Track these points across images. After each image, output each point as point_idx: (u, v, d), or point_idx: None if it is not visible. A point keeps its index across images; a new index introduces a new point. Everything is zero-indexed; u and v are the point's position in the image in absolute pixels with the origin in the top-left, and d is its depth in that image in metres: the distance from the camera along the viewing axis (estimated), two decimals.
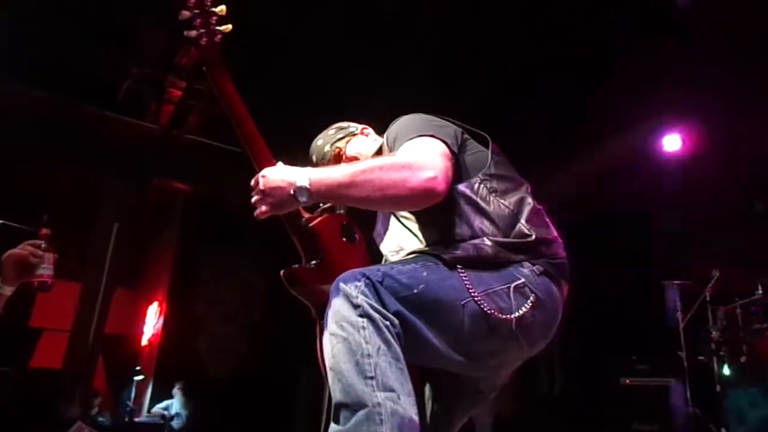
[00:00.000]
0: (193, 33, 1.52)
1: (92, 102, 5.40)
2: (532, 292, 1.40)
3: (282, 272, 1.49)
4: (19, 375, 5.43)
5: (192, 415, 6.51)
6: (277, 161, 1.48)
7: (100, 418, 5.94)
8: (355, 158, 1.77)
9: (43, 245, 1.74)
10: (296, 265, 1.53)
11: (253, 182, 1.44)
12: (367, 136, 1.85)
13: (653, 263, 4.90)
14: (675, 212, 4.94)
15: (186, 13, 1.51)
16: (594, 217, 5.25)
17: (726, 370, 3.98)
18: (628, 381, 4.58)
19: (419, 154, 1.41)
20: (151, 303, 7.39)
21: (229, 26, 1.55)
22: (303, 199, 1.36)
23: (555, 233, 1.51)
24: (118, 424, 6.02)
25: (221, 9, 1.53)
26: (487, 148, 1.57)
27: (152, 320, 7.29)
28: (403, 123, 1.56)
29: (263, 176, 1.42)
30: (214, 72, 1.52)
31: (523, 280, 1.40)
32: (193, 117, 5.63)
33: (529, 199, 1.51)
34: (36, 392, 5.18)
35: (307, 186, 1.36)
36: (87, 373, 5.84)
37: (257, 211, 1.42)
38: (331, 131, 1.86)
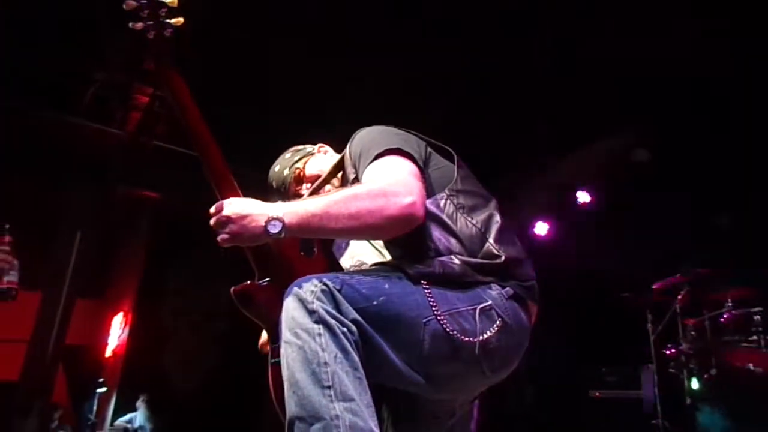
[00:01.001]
0: (140, 25, 1.38)
1: (57, 108, 5.24)
2: (499, 316, 1.34)
3: (233, 290, 1.40)
4: None
5: (156, 429, 6.35)
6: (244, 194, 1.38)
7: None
8: (316, 176, 1.72)
9: (8, 251, 1.65)
10: (249, 282, 1.43)
11: (213, 208, 1.32)
12: (325, 153, 1.80)
13: (621, 274, 4.89)
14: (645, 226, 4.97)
15: (131, 3, 1.38)
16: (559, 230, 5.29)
17: (695, 384, 3.97)
18: (597, 393, 4.56)
19: (391, 177, 1.34)
20: (116, 313, 7.19)
21: (181, 19, 1.40)
22: (275, 230, 1.26)
23: (524, 252, 1.45)
24: None
25: (172, 0, 1.39)
26: (452, 162, 1.51)
27: (117, 331, 7.09)
28: (366, 137, 1.48)
29: (229, 203, 1.31)
30: (164, 71, 1.39)
31: (490, 302, 1.33)
32: (160, 123, 5.50)
33: (497, 217, 1.45)
34: None
35: (281, 216, 1.26)
36: (46, 385, 5.63)
37: (219, 238, 1.31)
38: (287, 155, 1.82)
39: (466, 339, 1.29)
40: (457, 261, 1.35)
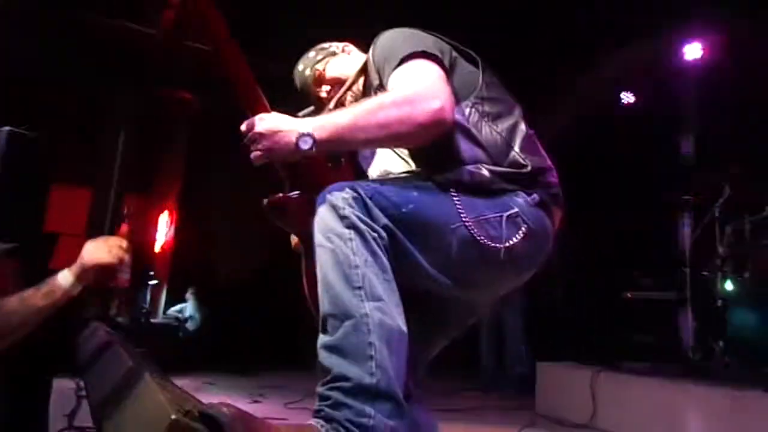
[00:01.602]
0: None
1: (95, 10, 5.22)
2: (525, 222, 1.37)
3: (264, 202, 1.45)
4: (37, 276, 5.59)
5: (205, 318, 6.76)
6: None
7: (118, 319, 6.17)
8: (336, 79, 1.69)
9: (125, 246, 1.63)
10: (280, 194, 1.47)
11: (245, 126, 1.34)
12: (349, 54, 1.75)
13: (662, 179, 4.79)
14: (687, 127, 4.80)
15: None
16: (601, 131, 5.13)
17: (728, 285, 3.96)
18: (630, 294, 4.62)
19: (418, 82, 1.34)
20: (162, 211, 7.49)
21: None
22: (306, 146, 1.28)
23: (548, 161, 1.46)
24: (135, 324, 6.25)
25: None
26: (477, 67, 1.48)
27: (164, 228, 7.42)
28: (389, 41, 1.46)
29: (261, 119, 1.33)
30: None
31: (516, 209, 1.37)
32: (194, 23, 5.42)
33: (522, 125, 1.45)
34: None
35: (311, 132, 1.28)
36: None
37: (252, 155, 1.34)
38: (311, 53, 1.77)
39: (493, 245, 1.33)
40: (483, 170, 1.37)
